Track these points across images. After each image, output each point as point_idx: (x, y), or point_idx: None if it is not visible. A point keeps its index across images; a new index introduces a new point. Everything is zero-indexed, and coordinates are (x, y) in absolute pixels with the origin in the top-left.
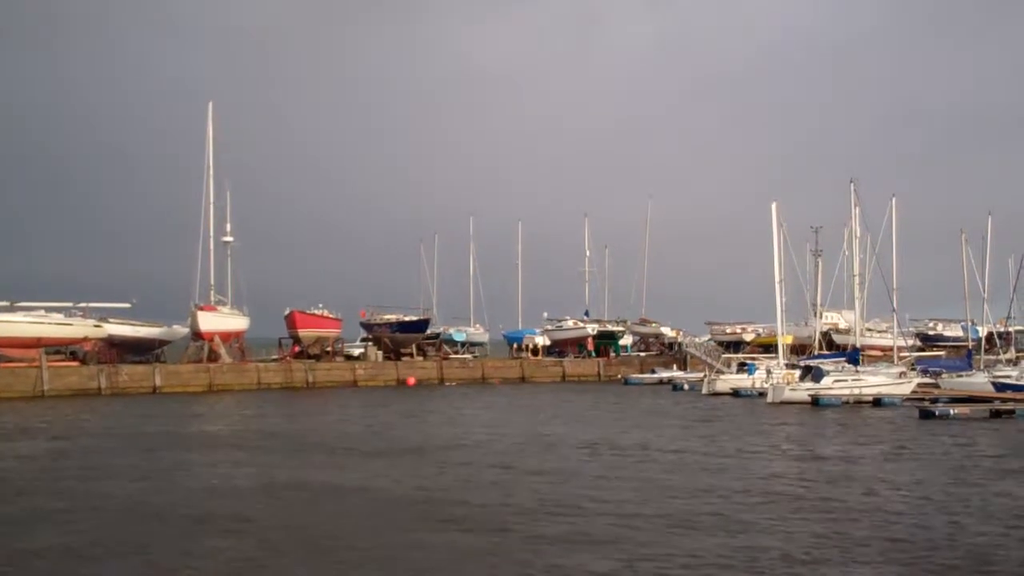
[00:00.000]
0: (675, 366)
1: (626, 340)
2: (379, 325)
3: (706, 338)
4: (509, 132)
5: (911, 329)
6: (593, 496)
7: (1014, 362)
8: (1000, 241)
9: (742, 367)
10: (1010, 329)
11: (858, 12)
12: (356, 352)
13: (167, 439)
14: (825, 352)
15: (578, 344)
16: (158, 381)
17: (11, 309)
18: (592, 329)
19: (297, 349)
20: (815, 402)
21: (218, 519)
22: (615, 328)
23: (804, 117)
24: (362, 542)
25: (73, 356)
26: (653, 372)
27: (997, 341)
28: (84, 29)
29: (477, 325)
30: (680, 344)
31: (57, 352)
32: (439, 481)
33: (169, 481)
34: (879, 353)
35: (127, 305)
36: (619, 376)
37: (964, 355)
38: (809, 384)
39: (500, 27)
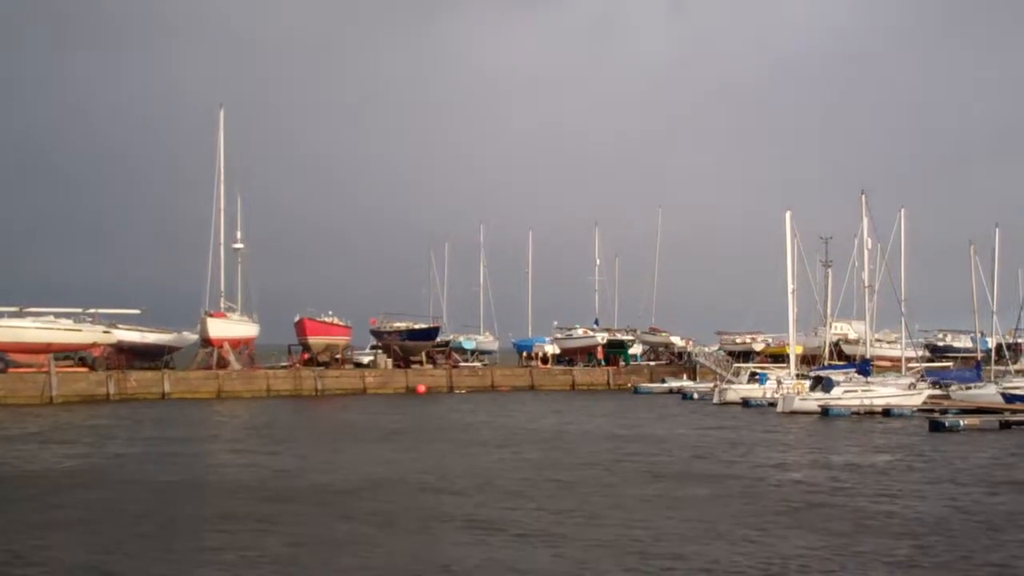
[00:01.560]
0: (685, 375)
1: (636, 349)
2: (389, 333)
3: (716, 348)
4: (520, 140)
5: (920, 340)
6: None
7: (1023, 373)
8: (1008, 253)
9: (754, 376)
10: (1019, 340)
11: (870, 27)
12: (365, 360)
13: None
14: (835, 363)
15: (587, 353)
16: (167, 387)
17: (20, 315)
18: (602, 338)
19: (306, 356)
20: (825, 412)
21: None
22: (625, 337)
23: (813, 129)
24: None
25: (82, 362)
26: (663, 381)
27: (1006, 352)
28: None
29: (487, 333)
30: (690, 353)
31: (66, 358)
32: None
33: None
34: (888, 363)
35: (137, 311)
36: (628, 385)
37: (973, 366)
38: (819, 394)
39: (512, 34)
